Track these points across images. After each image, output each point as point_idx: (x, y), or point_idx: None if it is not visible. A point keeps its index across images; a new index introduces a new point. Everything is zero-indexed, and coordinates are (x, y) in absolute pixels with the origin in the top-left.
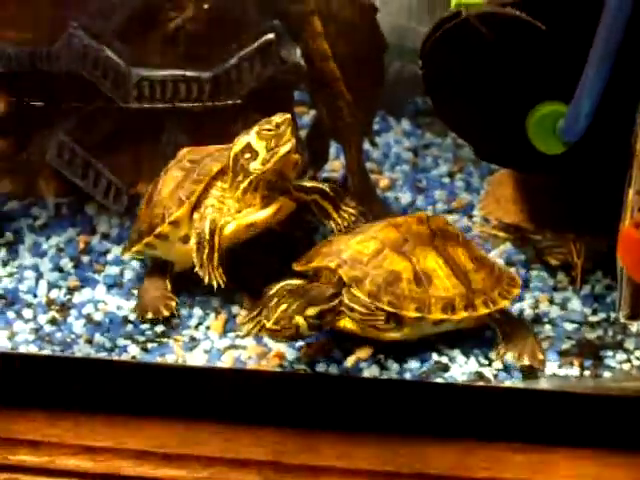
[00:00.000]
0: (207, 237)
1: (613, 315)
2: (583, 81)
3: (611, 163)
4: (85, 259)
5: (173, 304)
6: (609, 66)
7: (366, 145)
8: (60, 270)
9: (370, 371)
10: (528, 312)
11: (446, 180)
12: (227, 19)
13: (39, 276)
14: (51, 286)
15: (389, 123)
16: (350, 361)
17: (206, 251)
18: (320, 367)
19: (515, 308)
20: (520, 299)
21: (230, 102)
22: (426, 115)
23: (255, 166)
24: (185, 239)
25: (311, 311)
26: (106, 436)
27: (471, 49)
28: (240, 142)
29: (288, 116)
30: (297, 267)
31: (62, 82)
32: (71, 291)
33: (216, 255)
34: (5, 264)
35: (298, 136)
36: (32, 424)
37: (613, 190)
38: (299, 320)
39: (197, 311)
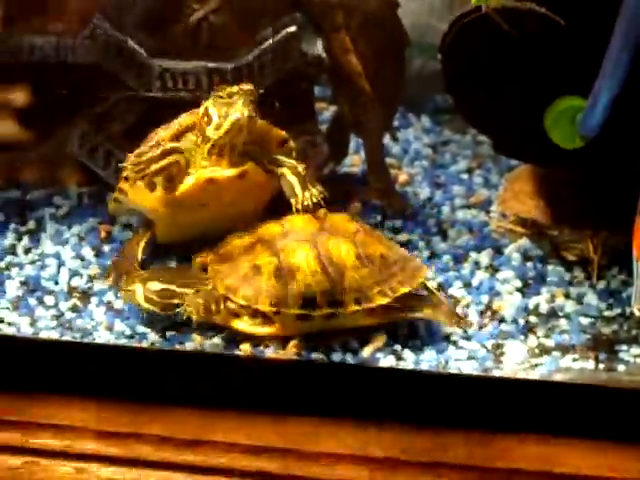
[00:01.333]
0: (167, 147)
1: (628, 310)
2: (601, 75)
3: (630, 158)
4: (106, 248)
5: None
6: (628, 59)
7: (385, 140)
8: (81, 259)
9: (386, 361)
10: (544, 306)
11: (464, 176)
12: (249, 11)
13: (61, 264)
14: (73, 274)
15: (409, 119)
16: (367, 351)
17: (155, 155)
18: (336, 356)
19: (531, 302)
20: (537, 293)
21: None
22: (445, 112)
23: (210, 131)
24: (151, 186)
25: (153, 285)
26: (127, 421)
27: (491, 44)
28: (203, 106)
29: (245, 87)
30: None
31: (85, 73)
32: (92, 279)
33: (158, 165)
34: (27, 252)
35: (255, 109)
36: (53, 409)
37: (631, 185)
38: (136, 287)
39: None
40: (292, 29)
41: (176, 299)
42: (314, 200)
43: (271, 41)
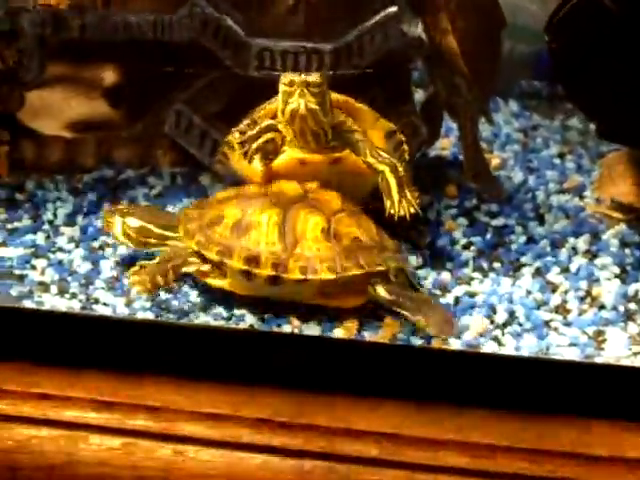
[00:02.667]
0: (263, 125)
1: None
2: None
3: None
4: None
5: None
6: None
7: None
8: None
9: (488, 347)
10: None
11: (557, 161)
12: None
13: None
14: None
15: (497, 104)
16: (468, 335)
17: (253, 133)
18: (436, 341)
19: (631, 289)
20: (636, 280)
21: (348, 74)
22: (532, 97)
23: (279, 115)
24: (250, 158)
25: (132, 221)
26: (224, 403)
27: (598, 25)
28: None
29: (310, 78)
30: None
31: (182, 51)
32: None
33: (258, 142)
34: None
35: (322, 100)
36: (151, 390)
37: None
38: (116, 220)
39: None
40: (392, 9)
41: (152, 239)
42: (411, 211)
43: (371, 21)
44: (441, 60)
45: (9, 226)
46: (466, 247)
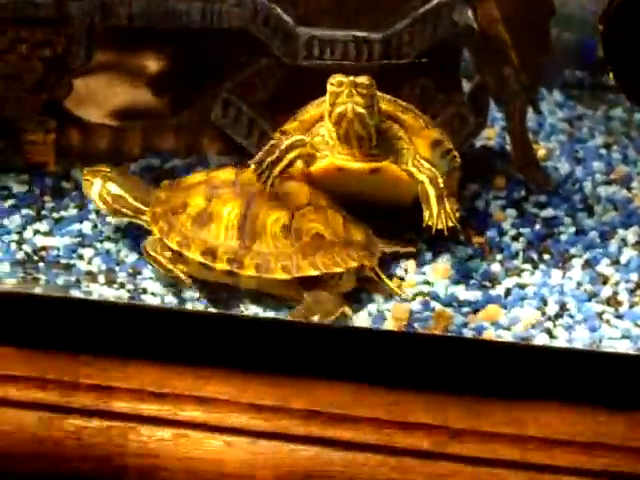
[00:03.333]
0: (282, 147)
1: None
2: None
3: None
4: None
5: None
6: None
7: None
8: None
9: (539, 339)
10: None
11: (602, 151)
12: None
13: None
14: None
15: (541, 93)
16: (519, 327)
17: (273, 157)
18: (487, 333)
19: None
20: None
21: (398, 64)
22: (575, 87)
23: (326, 118)
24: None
25: (112, 187)
26: (274, 396)
27: None
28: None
29: (358, 80)
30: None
31: (231, 39)
32: None
33: (280, 166)
34: None
35: (371, 103)
36: (202, 381)
37: None
38: (95, 181)
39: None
40: None
41: (128, 210)
42: (449, 224)
43: (422, 10)
44: (490, 49)
45: (55, 215)
46: (515, 238)
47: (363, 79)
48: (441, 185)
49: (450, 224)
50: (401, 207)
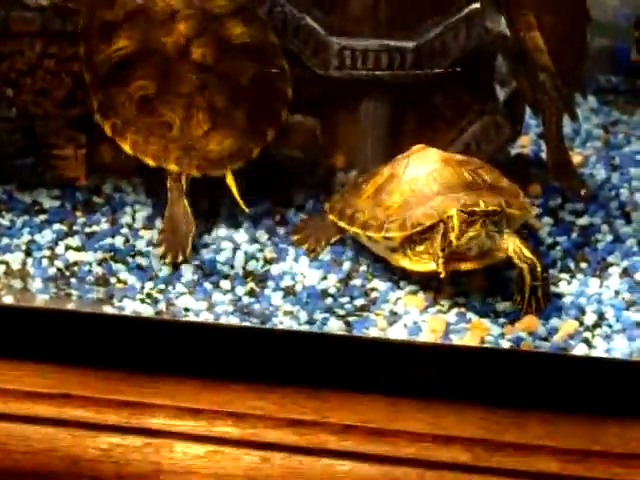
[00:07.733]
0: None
1: None
2: None
3: None
4: (281, 231)
5: None
6: None
7: None
8: (256, 241)
9: (578, 349)
10: None
11: (638, 157)
12: None
13: (236, 247)
14: (248, 257)
15: (576, 99)
16: (557, 338)
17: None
18: (525, 344)
19: None
20: None
21: (431, 73)
22: (609, 92)
23: (452, 237)
24: (393, 249)
25: None
26: (310, 410)
27: None
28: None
29: (490, 208)
30: None
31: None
32: (268, 263)
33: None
34: (201, 235)
35: (497, 226)
36: (237, 396)
37: None
38: None
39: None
40: (476, 5)
41: None
42: (537, 311)
43: (454, 18)
44: (526, 56)
45: (87, 230)
46: (552, 247)
47: (494, 206)
48: (540, 275)
49: (538, 311)
50: None
